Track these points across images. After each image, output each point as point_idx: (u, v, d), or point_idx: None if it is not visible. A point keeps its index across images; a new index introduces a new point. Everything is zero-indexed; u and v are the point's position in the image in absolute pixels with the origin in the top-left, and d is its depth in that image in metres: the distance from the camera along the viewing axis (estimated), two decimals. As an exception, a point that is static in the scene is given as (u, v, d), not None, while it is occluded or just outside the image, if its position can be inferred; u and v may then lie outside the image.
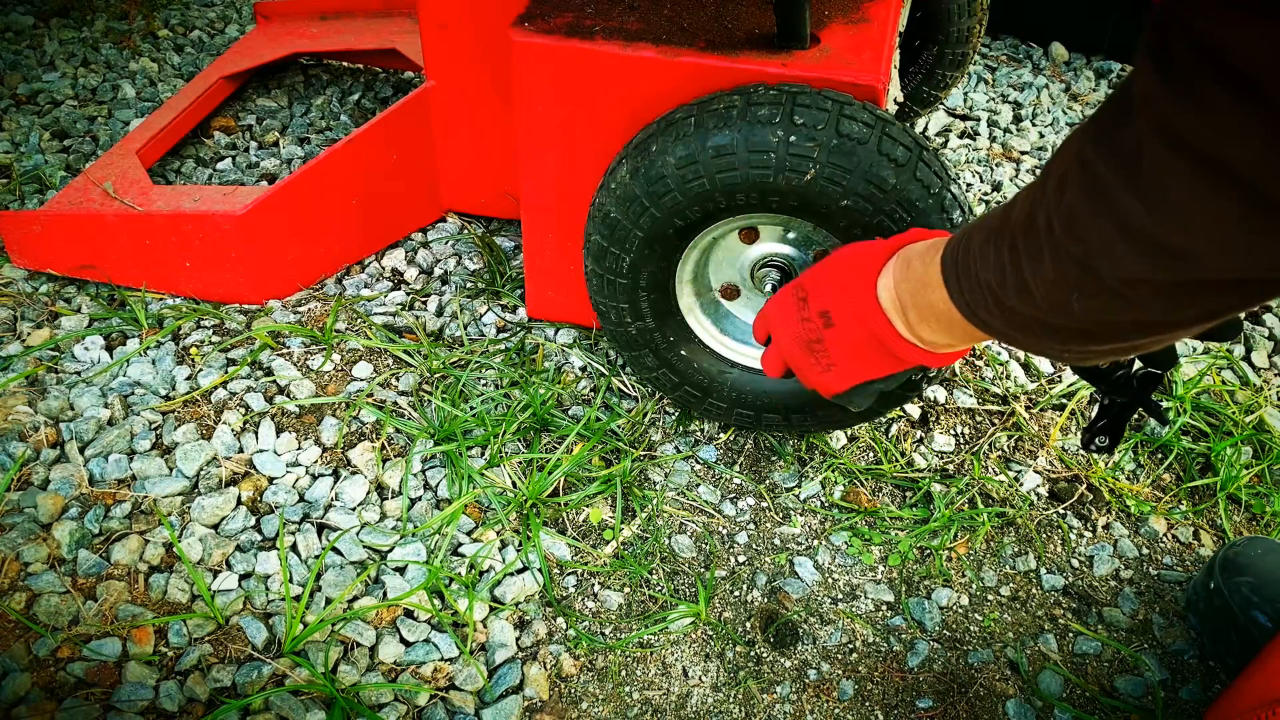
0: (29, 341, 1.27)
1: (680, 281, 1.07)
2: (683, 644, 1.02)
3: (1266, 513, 1.19)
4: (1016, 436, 1.25)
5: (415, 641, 0.99)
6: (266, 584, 1.03)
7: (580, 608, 1.04)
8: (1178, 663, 1.04)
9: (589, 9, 1.05)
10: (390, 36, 1.72)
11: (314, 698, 0.93)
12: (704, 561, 1.10)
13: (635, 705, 0.97)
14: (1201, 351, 1.39)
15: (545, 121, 1.07)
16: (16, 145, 1.66)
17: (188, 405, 1.20)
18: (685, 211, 0.95)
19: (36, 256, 1.35)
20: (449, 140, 1.40)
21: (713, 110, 0.91)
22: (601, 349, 1.32)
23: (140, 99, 1.82)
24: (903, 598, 1.08)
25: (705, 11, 1.05)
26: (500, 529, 1.10)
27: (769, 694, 0.98)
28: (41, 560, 1.01)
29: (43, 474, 1.10)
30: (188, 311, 1.32)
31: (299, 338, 1.30)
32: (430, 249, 1.48)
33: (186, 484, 1.10)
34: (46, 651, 0.94)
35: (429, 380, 1.26)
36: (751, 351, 1.13)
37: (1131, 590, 1.10)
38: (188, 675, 0.94)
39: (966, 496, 1.17)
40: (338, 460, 1.16)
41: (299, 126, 1.74)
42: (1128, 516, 1.18)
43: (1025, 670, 1.02)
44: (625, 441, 1.20)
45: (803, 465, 1.20)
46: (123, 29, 2.03)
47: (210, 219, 1.26)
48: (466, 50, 1.29)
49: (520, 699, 0.95)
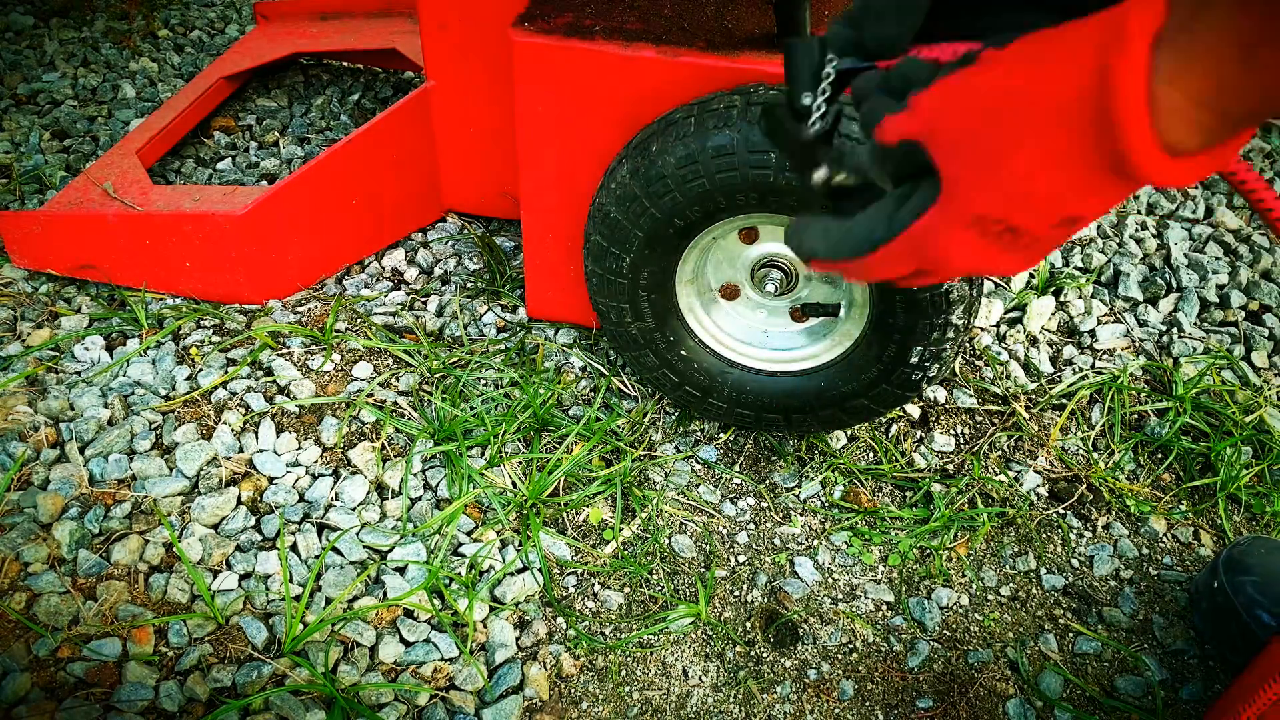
0: (29, 341, 1.27)
1: (680, 281, 1.07)
2: (683, 644, 1.02)
3: (1266, 513, 1.19)
4: (1016, 436, 1.25)
5: (415, 641, 0.99)
6: (266, 584, 1.03)
7: (580, 608, 1.04)
8: (1178, 663, 1.04)
9: (589, 9, 1.05)
10: (390, 36, 1.72)
11: (314, 698, 0.93)
12: (704, 561, 1.10)
13: (635, 705, 0.97)
14: (1201, 352, 1.39)
15: (545, 121, 1.07)
16: (16, 145, 1.66)
17: (188, 405, 1.20)
18: (685, 211, 0.95)
19: (36, 256, 1.35)
20: (449, 140, 1.40)
21: (713, 110, 0.91)
22: (601, 349, 1.32)
23: (140, 99, 1.82)
24: (903, 598, 1.08)
25: (705, 11, 1.05)
26: (500, 529, 1.10)
27: (769, 694, 0.98)
28: (41, 560, 1.01)
29: (43, 474, 1.10)
30: (188, 311, 1.32)
31: (299, 338, 1.30)
32: (430, 249, 1.48)
33: (186, 484, 1.10)
34: (46, 651, 0.94)
35: (429, 380, 1.26)
36: (751, 352, 1.13)
37: (1131, 590, 1.10)
38: (188, 675, 0.94)
39: (966, 496, 1.17)
40: (338, 460, 1.16)
41: (299, 126, 1.74)
42: (1128, 516, 1.18)
43: (1025, 670, 1.02)
44: (625, 441, 1.20)
45: (803, 465, 1.20)
46: (123, 29, 2.03)
47: (210, 219, 1.26)
48: (466, 50, 1.29)
49: (520, 699, 0.95)
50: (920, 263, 0.57)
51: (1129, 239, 1.57)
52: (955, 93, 0.51)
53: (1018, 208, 0.50)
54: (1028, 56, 0.47)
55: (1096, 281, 1.50)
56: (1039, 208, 0.49)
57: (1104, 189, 0.47)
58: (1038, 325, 1.41)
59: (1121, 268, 1.50)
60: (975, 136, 0.50)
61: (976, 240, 0.53)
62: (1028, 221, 0.50)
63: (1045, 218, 0.50)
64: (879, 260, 0.59)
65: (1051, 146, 0.47)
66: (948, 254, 0.54)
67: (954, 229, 0.53)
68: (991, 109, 0.49)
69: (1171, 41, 0.41)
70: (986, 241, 0.53)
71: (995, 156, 0.49)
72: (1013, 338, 1.38)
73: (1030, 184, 0.48)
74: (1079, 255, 1.53)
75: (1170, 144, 0.43)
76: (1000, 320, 1.41)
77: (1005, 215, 0.51)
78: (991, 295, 1.43)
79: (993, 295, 1.43)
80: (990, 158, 0.49)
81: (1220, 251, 1.57)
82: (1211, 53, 0.40)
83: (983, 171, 0.50)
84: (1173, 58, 0.41)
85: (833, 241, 0.62)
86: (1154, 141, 0.43)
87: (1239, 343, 1.41)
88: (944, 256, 0.55)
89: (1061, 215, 0.49)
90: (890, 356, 1.02)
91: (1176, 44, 0.41)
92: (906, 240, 0.56)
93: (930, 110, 0.53)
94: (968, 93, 0.50)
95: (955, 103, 0.51)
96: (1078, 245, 1.55)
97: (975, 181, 0.51)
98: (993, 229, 0.52)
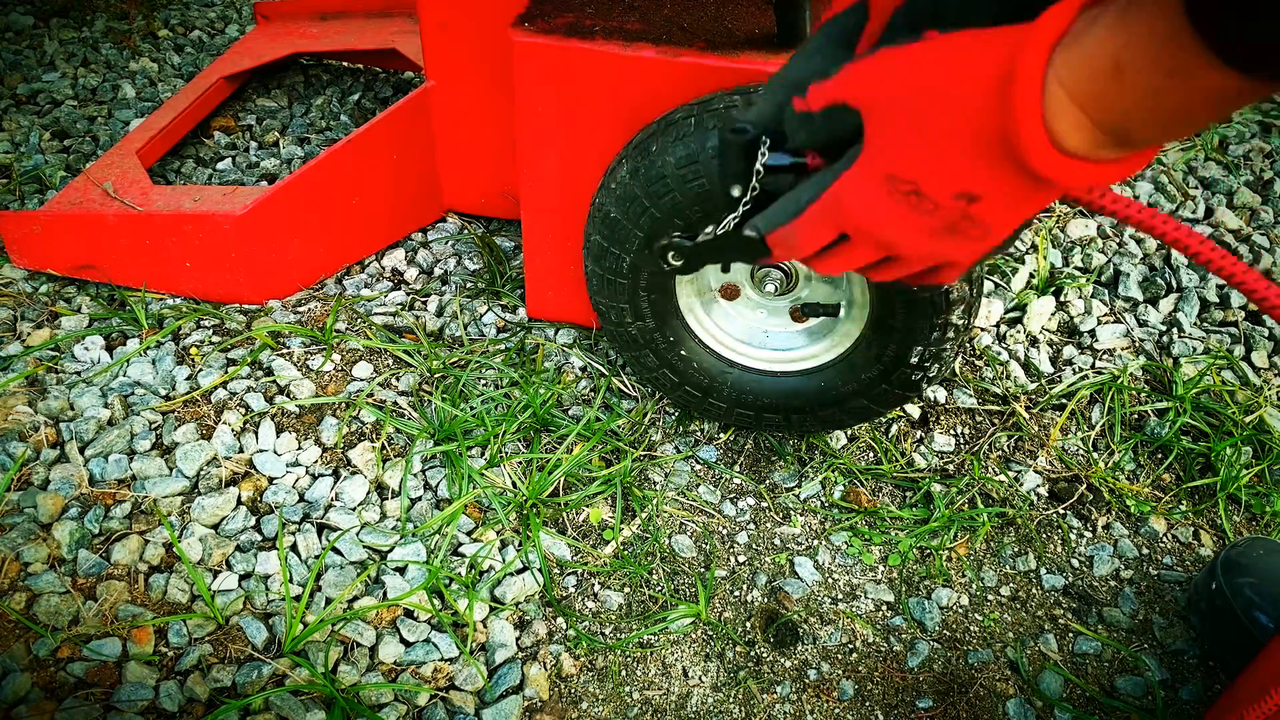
0: (29, 341, 1.27)
1: (680, 282, 1.07)
2: (683, 644, 1.02)
3: (1266, 513, 1.19)
4: (1016, 436, 1.25)
5: (415, 641, 0.99)
6: (266, 584, 1.03)
7: (580, 608, 1.04)
8: (1178, 663, 1.04)
9: (589, 9, 1.05)
10: (390, 36, 1.72)
11: (314, 698, 0.93)
12: (704, 561, 1.10)
13: (635, 705, 0.97)
14: (1201, 352, 1.39)
15: (545, 121, 1.07)
16: (16, 145, 1.66)
17: (188, 405, 1.20)
18: (685, 211, 0.95)
19: (36, 256, 1.35)
20: (449, 140, 1.40)
21: (713, 110, 0.91)
22: (601, 349, 1.32)
23: (140, 99, 1.82)
24: (903, 598, 1.08)
25: (705, 11, 1.05)
26: (500, 529, 1.10)
27: (769, 694, 0.98)
28: (41, 560, 1.01)
29: (43, 474, 1.10)
30: (188, 311, 1.32)
31: (299, 338, 1.30)
32: (430, 249, 1.48)
33: (186, 484, 1.10)
34: (46, 651, 0.94)
35: (429, 380, 1.26)
36: (751, 352, 1.13)
37: (1131, 590, 1.10)
38: (188, 675, 0.94)
39: (966, 496, 1.17)
40: (338, 460, 1.16)
41: (299, 126, 1.74)
42: (1128, 516, 1.18)
43: (1025, 670, 1.02)
44: (625, 441, 1.20)
45: (803, 465, 1.20)
46: (123, 29, 2.03)
47: (210, 219, 1.26)
48: (466, 50, 1.29)
49: (520, 699, 0.95)
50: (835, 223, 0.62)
51: (1129, 239, 1.57)
52: (892, 60, 0.55)
53: (924, 171, 0.54)
54: (961, 42, 0.52)
55: (1096, 281, 1.50)
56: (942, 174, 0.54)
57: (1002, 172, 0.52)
58: (1038, 325, 1.41)
59: (1121, 268, 1.50)
60: (900, 103, 0.55)
61: (886, 199, 0.57)
62: (930, 186, 0.55)
63: (946, 185, 0.54)
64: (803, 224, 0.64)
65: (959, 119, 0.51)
66: (863, 211, 0.59)
67: (868, 184, 0.58)
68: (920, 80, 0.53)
69: (1066, 46, 0.46)
70: (894, 201, 0.57)
71: (914, 121, 0.54)
72: (1013, 338, 1.38)
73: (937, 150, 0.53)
74: (1079, 255, 1.53)
75: (1057, 139, 0.48)
76: (1000, 320, 1.41)
77: (913, 176, 0.55)
78: (991, 295, 1.43)
79: (993, 295, 1.43)
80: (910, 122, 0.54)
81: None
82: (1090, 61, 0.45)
83: (902, 133, 0.55)
84: (1064, 60, 0.46)
85: (769, 214, 0.68)
86: (1041, 129, 0.48)
87: (1239, 343, 1.41)
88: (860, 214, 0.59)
89: (961, 187, 0.54)
90: (890, 357, 1.02)
91: (1069, 49, 0.46)
92: (827, 199, 0.61)
93: (863, 75, 0.57)
94: (904, 62, 0.55)
95: (890, 69, 0.55)
96: (1078, 245, 1.55)
97: (893, 141, 0.55)
98: (900, 188, 0.56)
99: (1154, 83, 0.43)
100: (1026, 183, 0.52)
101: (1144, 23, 0.42)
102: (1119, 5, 0.44)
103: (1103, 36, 0.44)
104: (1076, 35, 0.46)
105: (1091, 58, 0.45)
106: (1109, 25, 0.44)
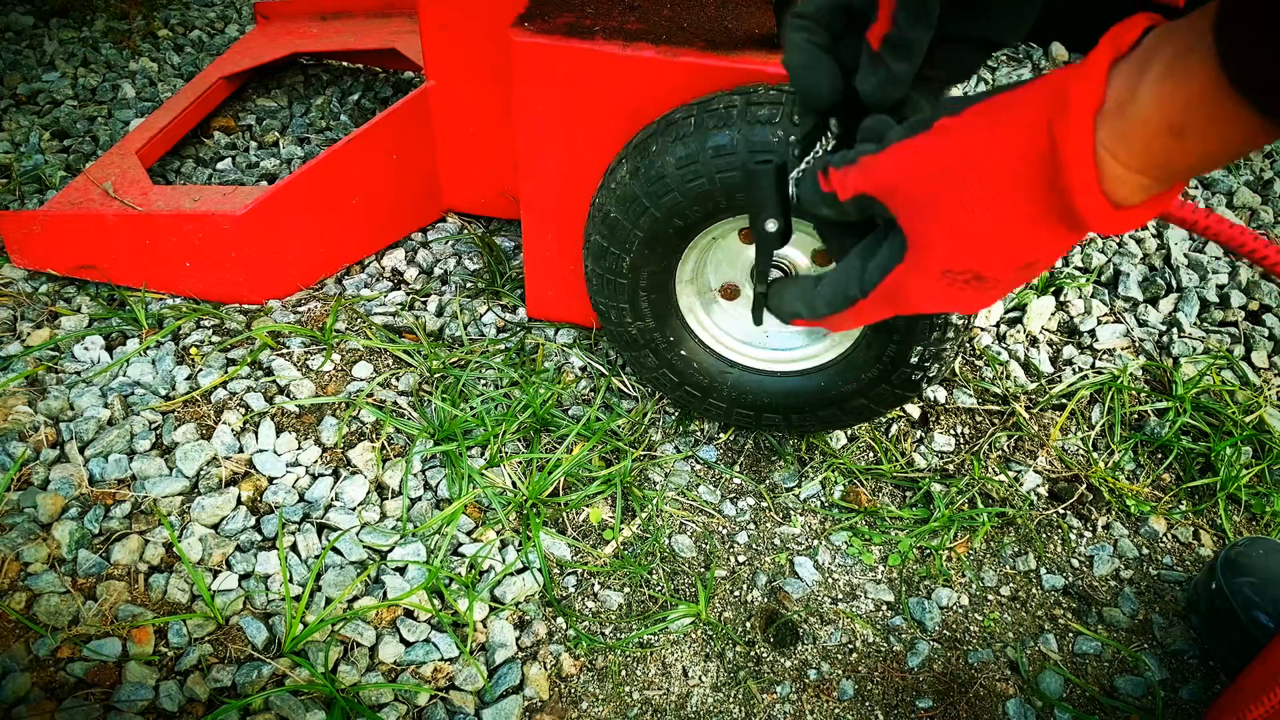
0: (29, 341, 1.27)
1: (680, 281, 1.07)
2: (683, 644, 1.02)
3: (1266, 513, 1.19)
4: (1016, 436, 1.25)
5: (415, 641, 0.99)
6: (266, 584, 1.03)
7: (580, 608, 1.04)
8: (1178, 663, 1.04)
9: (589, 9, 1.05)
10: (390, 36, 1.72)
11: (314, 698, 0.93)
12: (704, 561, 1.10)
13: (635, 705, 0.97)
14: (1201, 352, 1.39)
15: (545, 121, 1.07)
16: (16, 145, 1.66)
17: (188, 405, 1.20)
18: (685, 211, 0.95)
19: (36, 256, 1.35)
20: (449, 140, 1.40)
21: (713, 110, 0.91)
22: (601, 349, 1.32)
23: (140, 99, 1.82)
24: (903, 598, 1.08)
25: (705, 11, 1.05)
26: (500, 529, 1.10)
27: (769, 694, 0.98)
28: (41, 560, 1.01)
29: (43, 474, 1.10)
30: (188, 311, 1.32)
31: (299, 338, 1.30)
32: (430, 249, 1.48)
33: (186, 484, 1.10)
34: (46, 651, 0.94)
35: (429, 380, 1.26)
36: (751, 352, 1.13)
37: (1131, 590, 1.10)
38: (188, 675, 0.94)
39: (966, 496, 1.17)
40: (338, 460, 1.16)
41: (299, 126, 1.74)
42: (1128, 516, 1.18)
43: (1025, 670, 1.02)
44: (625, 441, 1.20)
45: (803, 465, 1.20)
46: (123, 29, 2.03)
47: (210, 219, 1.26)
48: (466, 50, 1.29)
49: (520, 699, 0.95)
50: (894, 310, 0.64)
51: (1129, 239, 1.57)
52: (913, 157, 0.56)
53: (982, 259, 0.56)
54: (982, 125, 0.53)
55: (1096, 281, 1.50)
56: (1001, 257, 0.55)
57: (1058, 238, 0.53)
58: (1038, 325, 1.41)
59: (1121, 268, 1.50)
60: (937, 199, 0.55)
61: (946, 289, 0.59)
62: (992, 270, 0.56)
63: (1008, 265, 0.56)
64: (857, 313, 0.66)
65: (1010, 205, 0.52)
66: (920, 302, 0.61)
67: (925, 281, 0.59)
68: (951, 173, 0.54)
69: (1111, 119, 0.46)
70: (955, 289, 0.59)
71: (959, 216, 0.54)
72: (1013, 338, 1.38)
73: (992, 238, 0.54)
74: (1079, 255, 1.53)
75: (1116, 201, 0.49)
76: (1000, 320, 1.41)
77: (971, 266, 0.57)
78: (991, 295, 1.42)
79: (993, 295, 1.42)
80: (954, 217, 0.55)
81: (1220, 251, 1.57)
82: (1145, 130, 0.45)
83: (948, 230, 0.56)
84: (1111, 134, 0.47)
85: (809, 303, 0.70)
86: (1103, 201, 0.49)
87: (1239, 343, 1.41)
88: (917, 304, 0.62)
89: (1022, 262, 0.55)
90: (890, 356, 1.02)
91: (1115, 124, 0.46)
92: (880, 294, 0.63)
93: (887, 172, 0.58)
94: (926, 157, 0.55)
95: (914, 167, 0.56)
96: (1078, 245, 1.55)
97: (941, 239, 0.56)
98: (960, 278, 0.58)
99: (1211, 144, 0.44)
100: (1081, 235, 0.53)
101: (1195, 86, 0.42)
102: (1162, 65, 0.44)
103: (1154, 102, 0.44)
104: (1120, 104, 0.46)
105: (1146, 122, 0.45)
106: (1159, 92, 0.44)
